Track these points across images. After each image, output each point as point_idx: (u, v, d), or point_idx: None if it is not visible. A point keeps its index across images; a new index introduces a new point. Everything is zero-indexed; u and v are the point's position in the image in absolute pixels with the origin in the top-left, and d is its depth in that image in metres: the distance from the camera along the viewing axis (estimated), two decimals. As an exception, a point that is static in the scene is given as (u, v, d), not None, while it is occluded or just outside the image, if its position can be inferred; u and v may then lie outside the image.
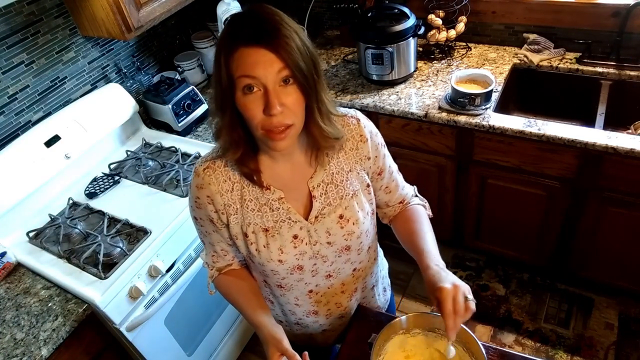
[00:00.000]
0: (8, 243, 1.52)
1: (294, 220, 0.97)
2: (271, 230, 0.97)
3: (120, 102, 1.84)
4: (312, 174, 0.97)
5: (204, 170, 0.96)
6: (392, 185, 1.09)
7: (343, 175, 0.99)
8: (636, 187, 1.60)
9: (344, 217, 0.98)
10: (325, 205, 0.97)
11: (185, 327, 1.69)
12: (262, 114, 0.81)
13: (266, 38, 0.78)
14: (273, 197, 0.95)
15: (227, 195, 0.95)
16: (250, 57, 0.78)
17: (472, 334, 0.96)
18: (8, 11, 1.54)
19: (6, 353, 1.23)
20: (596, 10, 1.85)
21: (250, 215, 0.96)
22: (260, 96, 0.80)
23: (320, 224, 0.98)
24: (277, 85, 0.80)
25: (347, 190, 0.99)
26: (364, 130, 1.00)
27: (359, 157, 1.00)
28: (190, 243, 1.58)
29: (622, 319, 1.99)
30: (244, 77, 0.79)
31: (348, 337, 1.09)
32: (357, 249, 1.04)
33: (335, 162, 0.98)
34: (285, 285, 1.04)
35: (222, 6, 1.93)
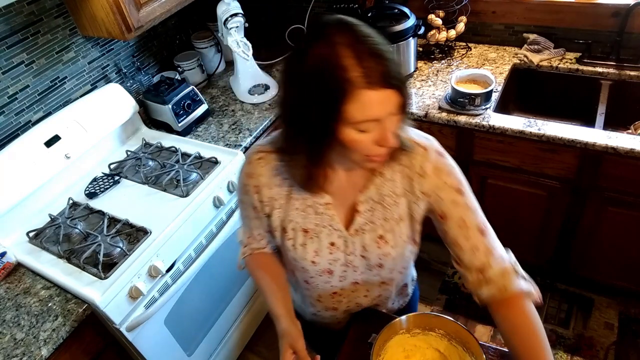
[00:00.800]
0: (8, 243, 1.52)
1: (335, 228, 0.96)
2: (311, 232, 0.96)
3: (120, 102, 1.84)
4: (364, 189, 0.94)
5: (258, 159, 0.94)
6: (464, 243, 0.91)
7: (393, 199, 0.94)
8: (636, 187, 1.60)
9: (384, 239, 0.96)
10: (368, 222, 0.95)
11: (185, 327, 1.69)
12: (373, 145, 0.78)
13: (392, 77, 0.73)
14: (320, 201, 0.94)
15: (275, 189, 0.95)
16: (375, 99, 0.72)
17: (472, 334, 0.96)
18: (8, 11, 1.54)
19: (6, 353, 1.23)
20: (596, 10, 1.85)
21: (294, 213, 0.96)
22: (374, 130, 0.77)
23: (358, 238, 0.97)
24: (390, 117, 0.77)
25: (394, 214, 0.95)
26: (427, 164, 0.91)
27: (412, 189, 0.93)
28: (190, 243, 1.58)
29: (622, 319, 1.99)
30: (368, 121, 0.75)
31: (348, 337, 1.09)
32: (390, 269, 1.02)
33: (390, 184, 0.94)
34: (311, 282, 1.05)
35: (222, 6, 1.93)
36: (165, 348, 1.61)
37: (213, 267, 1.72)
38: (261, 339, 2.15)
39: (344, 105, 0.72)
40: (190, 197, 1.59)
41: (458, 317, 2.08)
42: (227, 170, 1.69)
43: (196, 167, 1.71)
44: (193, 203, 1.57)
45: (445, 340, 0.99)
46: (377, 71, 0.71)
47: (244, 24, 1.99)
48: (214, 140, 1.88)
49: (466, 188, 0.93)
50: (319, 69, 0.73)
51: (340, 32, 0.73)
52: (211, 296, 1.79)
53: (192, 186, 1.62)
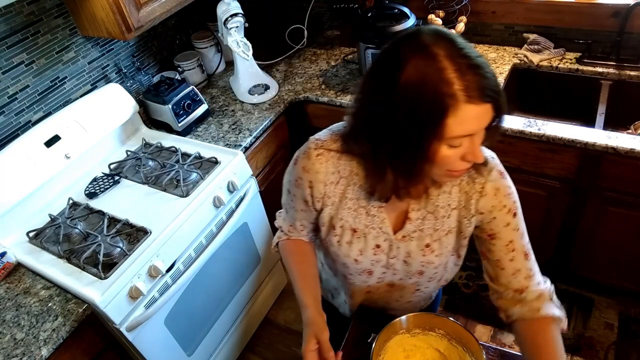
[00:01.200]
0: (8, 243, 1.52)
1: (383, 231, 0.96)
2: (359, 232, 0.96)
3: (120, 102, 1.84)
4: (418, 197, 0.93)
5: (317, 156, 0.93)
6: (507, 264, 0.94)
7: (447, 211, 0.93)
8: (636, 187, 1.60)
9: (430, 247, 0.96)
10: (417, 229, 0.95)
11: (185, 327, 1.69)
12: (460, 160, 0.77)
13: (490, 91, 0.71)
14: (374, 203, 0.93)
15: (330, 187, 0.94)
16: (474, 114, 0.71)
17: (472, 334, 0.96)
18: (8, 11, 1.54)
19: (6, 353, 1.23)
20: (596, 10, 1.85)
21: (345, 212, 0.95)
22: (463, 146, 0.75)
23: (404, 244, 0.97)
24: (481, 133, 0.75)
25: (444, 226, 0.95)
26: (487, 184, 0.90)
27: (468, 205, 0.92)
28: (190, 243, 1.58)
29: (622, 319, 1.99)
30: (462, 135, 0.73)
31: (348, 337, 1.09)
32: (430, 277, 1.03)
33: (445, 197, 0.93)
34: (349, 278, 1.06)
35: (222, 6, 1.92)
36: (165, 348, 1.61)
37: (213, 267, 1.72)
38: (261, 339, 2.16)
39: (445, 120, 0.70)
40: (190, 197, 1.59)
41: (458, 317, 2.08)
42: (227, 170, 1.69)
43: (196, 167, 1.71)
44: (193, 203, 1.57)
45: (445, 340, 0.99)
46: (477, 85, 0.69)
47: (244, 24, 1.99)
48: (214, 140, 1.88)
49: (519, 210, 0.94)
50: (419, 81, 0.70)
51: (439, 44, 0.71)
52: (211, 296, 1.79)
53: (192, 186, 1.62)
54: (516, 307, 0.94)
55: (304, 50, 2.37)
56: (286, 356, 2.10)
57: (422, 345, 1.00)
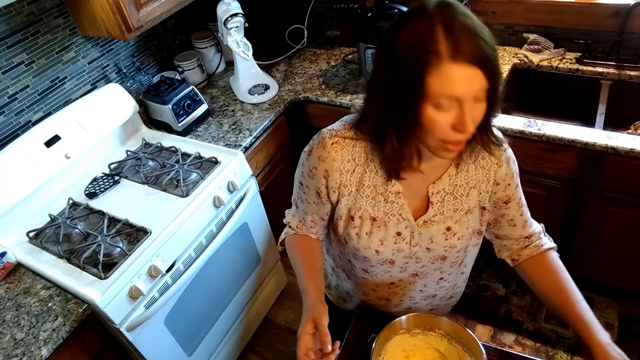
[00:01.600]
0: (8, 243, 1.52)
1: (403, 218, 0.96)
2: (379, 221, 0.96)
3: (120, 102, 1.84)
4: (437, 180, 0.94)
5: (332, 144, 0.93)
6: (518, 219, 1.03)
7: (465, 190, 0.95)
8: (636, 187, 1.60)
9: (451, 230, 0.97)
10: (438, 213, 0.96)
11: (185, 327, 1.69)
12: (450, 129, 0.76)
13: (477, 53, 0.71)
14: (392, 189, 0.94)
15: (346, 175, 0.94)
16: (457, 74, 0.71)
17: (472, 334, 0.96)
18: (8, 11, 1.54)
19: (6, 353, 1.23)
20: (596, 10, 1.85)
21: (364, 201, 0.95)
22: (452, 112, 0.75)
23: (426, 229, 0.97)
24: (472, 101, 0.74)
25: (464, 205, 0.96)
26: (502, 155, 0.95)
27: (487, 178, 0.96)
28: (190, 243, 1.58)
29: (622, 319, 1.99)
30: (446, 95, 0.72)
31: (348, 337, 1.09)
32: (452, 262, 1.03)
33: (464, 175, 0.95)
34: (370, 272, 1.05)
35: (222, 6, 1.93)
36: (165, 348, 1.61)
37: (213, 267, 1.72)
38: (261, 339, 2.16)
39: (427, 77, 0.71)
40: (190, 197, 1.59)
41: (458, 317, 2.08)
42: (227, 170, 1.69)
43: (196, 167, 1.71)
44: (193, 203, 1.57)
45: (445, 340, 1.00)
46: (466, 46, 0.70)
47: (244, 24, 1.99)
48: (214, 140, 1.88)
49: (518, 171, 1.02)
50: (411, 41, 0.73)
51: (438, 9, 0.73)
52: (211, 296, 1.79)
53: (192, 186, 1.62)
54: (524, 250, 1.05)
55: (304, 50, 2.37)
56: (286, 356, 2.10)
57: (422, 345, 1.00)
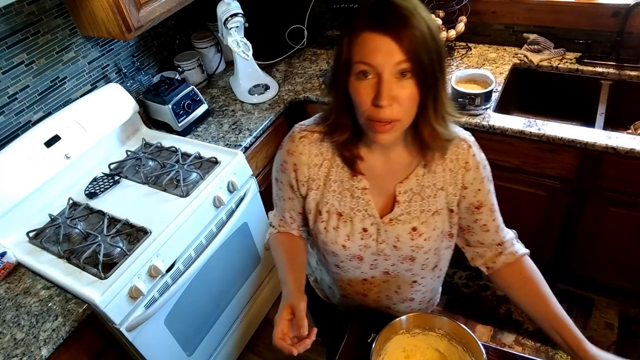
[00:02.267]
0: (8, 243, 1.52)
1: (369, 214, 0.96)
2: (345, 216, 0.97)
3: (120, 102, 1.84)
4: (404, 179, 0.95)
5: (301, 138, 0.96)
6: (491, 224, 1.02)
7: (432, 191, 0.95)
8: (636, 187, 1.60)
9: (417, 231, 0.97)
10: (404, 213, 0.96)
11: (185, 327, 1.69)
12: (371, 103, 0.79)
13: (393, 25, 0.74)
14: (358, 185, 0.95)
15: (314, 169, 0.96)
16: (372, 42, 0.75)
17: (472, 334, 0.96)
18: (8, 11, 1.54)
19: (6, 353, 1.23)
20: (596, 10, 1.85)
21: (330, 195, 0.97)
22: (373, 84, 0.78)
23: (392, 228, 0.97)
24: (392, 77, 0.76)
25: (431, 207, 0.96)
26: (471, 159, 0.95)
27: (455, 181, 0.95)
28: (190, 243, 1.58)
29: (622, 319, 1.99)
30: (361, 62, 0.77)
31: (348, 337, 1.09)
32: (422, 264, 1.02)
33: (431, 176, 0.95)
34: (342, 267, 1.06)
35: (222, 6, 1.92)
36: (165, 348, 1.61)
37: (213, 267, 1.72)
38: (261, 339, 2.15)
39: (351, 47, 0.78)
40: (190, 197, 1.59)
41: (458, 317, 2.08)
42: (227, 170, 1.69)
43: (196, 167, 1.71)
44: (193, 203, 1.57)
45: (445, 340, 0.99)
46: (387, 20, 0.74)
47: (244, 24, 1.99)
48: (214, 140, 1.88)
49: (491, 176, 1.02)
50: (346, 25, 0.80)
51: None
52: (211, 296, 1.79)
53: (192, 186, 1.62)
54: (499, 258, 1.03)
55: (304, 50, 2.37)
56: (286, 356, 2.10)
57: (422, 345, 1.00)
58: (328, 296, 1.25)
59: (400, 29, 0.74)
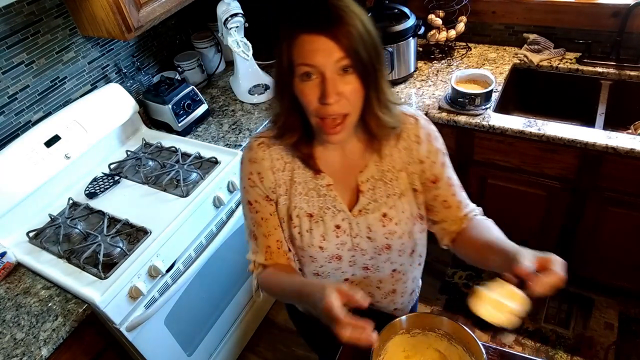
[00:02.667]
0: (8, 243, 1.52)
1: (338, 209, 0.97)
2: (315, 216, 0.97)
3: (120, 102, 1.84)
4: (363, 168, 0.96)
5: (259, 145, 0.96)
6: (452, 200, 1.00)
7: (394, 174, 0.97)
8: (636, 187, 1.60)
9: (387, 216, 0.97)
10: (371, 201, 0.97)
11: (185, 327, 1.69)
12: (318, 102, 0.80)
13: (328, 25, 0.76)
14: (322, 182, 0.96)
15: (278, 174, 0.96)
16: (310, 44, 0.77)
17: (472, 334, 0.96)
18: (8, 11, 1.54)
19: (6, 353, 1.23)
20: (596, 10, 1.85)
21: (297, 198, 0.96)
22: (318, 84, 0.79)
23: (362, 219, 0.97)
24: (335, 74, 0.78)
25: (395, 190, 0.97)
26: (420, 131, 0.96)
27: (411, 159, 0.97)
28: (190, 243, 1.58)
29: (622, 319, 1.99)
30: (302, 65, 0.78)
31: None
32: (399, 250, 1.02)
33: (388, 160, 0.96)
34: (322, 273, 1.04)
35: (222, 6, 1.93)
36: (165, 348, 1.61)
37: (213, 267, 1.72)
38: (261, 339, 2.16)
39: (292, 50, 0.79)
40: (190, 197, 1.59)
41: (458, 317, 2.08)
42: (227, 170, 1.69)
43: (196, 167, 1.71)
44: (193, 203, 1.57)
45: (445, 340, 0.99)
46: (323, 21, 0.76)
47: (244, 24, 1.99)
48: (214, 140, 1.88)
49: (446, 150, 1.02)
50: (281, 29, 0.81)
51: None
52: (211, 296, 1.79)
53: (192, 186, 1.62)
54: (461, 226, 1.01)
55: (304, 50, 2.37)
56: (286, 356, 2.10)
57: (422, 345, 1.00)
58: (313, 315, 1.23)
59: (335, 27, 0.75)
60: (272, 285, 1.01)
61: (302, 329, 1.36)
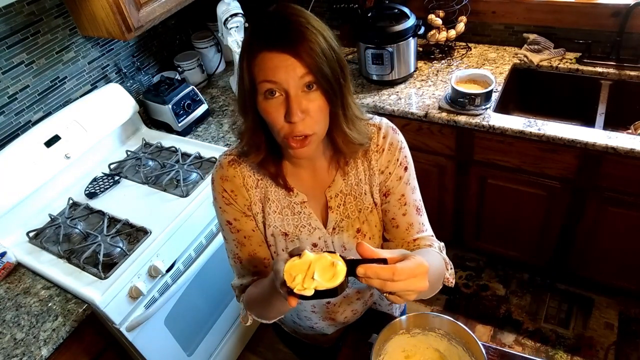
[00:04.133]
0: (8, 243, 1.52)
1: (313, 227, 0.94)
2: (291, 235, 0.94)
3: (120, 102, 1.84)
4: (331, 183, 0.93)
5: (229, 163, 0.92)
6: (401, 220, 0.95)
7: (362, 187, 0.94)
8: (636, 187, 1.60)
9: (361, 232, 0.95)
10: (343, 217, 0.94)
11: (185, 327, 1.69)
12: (284, 120, 0.77)
13: (288, 42, 0.74)
14: (296, 200, 0.93)
15: (252, 191, 0.92)
16: (271, 61, 0.74)
17: (472, 334, 0.96)
18: (8, 11, 1.54)
19: (6, 353, 1.23)
20: (596, 10, 1.85)
21: (272, 217, 0.93)
22: (282, 101, 0.77)
23: (337, 237, 0.95)
24: (299, 91, 0.76)
25: (366, 204, 0.94)
26: (381, 141, 0.93)
27: (373, 170, 0.94)
28: (190, 243, 1.58)
29: (622, 319, 1.99)
30: (265, 82, 0.76)
31: (348, 337, 1.09)
32: None
33: (355, 173, 0.94)
34: None
35: (222, 6, 1.93)
36: (165, 348, 1.61)
37: (213, 267, 1.72)
38: (261, 339, 2.15)
39: (252, 68, 0.77)
40: (190, 197, 1.59)
41: (458, 317, 2.08)
42: (227, 170, 1.69)
43: (196, 167, 1.71)
44: (193, 203, 1.57)
45: (445, 340, 0.99)
46: (283, 37, 0.74)
47: (244, 24, 1.99)
48: (214, 140, 1.88)
49: (411, 166, 0.96)
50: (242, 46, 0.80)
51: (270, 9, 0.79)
52: (211, 296, 1.79)
53: (192, 186, 1.62)
54: None
55: (304, 50, 2.37)
56: (286, 356, 2.10)
57: (422, 345, 1.00)
58: (295, 329, 1.22)
59: (297, 45, 0.73)
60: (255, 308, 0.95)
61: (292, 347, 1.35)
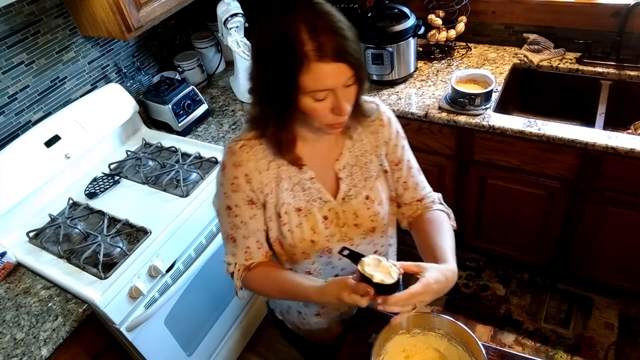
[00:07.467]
0: (8, 243, 1.52)
1: (324, 200, 0.99)
2: (303, 210, 0.99)
3: (120, 102, 1.84)
4: (339, 156, 1.01)
5: (241, 147, 0.95)
6: (411, 182, 1.08)
7: (366, 157, 1.02)
8: (636, 187, 1.61)
9: (370, 198, 1.02)
10: (351, 187, 1.01)
11: (185, 327, 1.69)
12: (330, 113, 0.85)
13: (339, 51, 0.79)
14: (305, 176, 0.98)
15: (264, 174, 0.96)
16: (325, 70, 0.79)
17: (472, 334, 0.96)
18: (8, 11, 1.54)
19: (6, 353, 1.23)
20: (596, 10, 1.85)
21: (284, 195, 0.97)
22: (329, 100, 0.84)
23: (348, 206, 1.01)
24: (343, 88, 0.84)
25: (371, 172, 1.03)
26: (383, 115, 1.04)
27: (379, 141, 1.03)
28: (190, 243, 1.58)
29: (622, 319, 1.99)
30: (318, 91, 0.82)
31: (348, 337, 1.09)
32: (381, 231, 1.07)
33: (359, 145, 1.02)
34: (314, 271, 1.05)
35: (222, 6, 1.93)
36: (165, 348, 1.61)
37: (213, 267, 1.72)
38: (261, 339, 2.15)
39: (299, 76, 0.80)
40: (190, 197, 1.59)
41: (458, 317, 2.08)
42: (227, 170, 1.69)
43: (196, 167, 1.71)
44: (193, 203, 1.57)
45: (445, 340, 1.00)
46: (329, 46, 0.78)
47: (244, 24, 1.99)
48: (214, 140, 1.88)
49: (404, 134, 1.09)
50: (279, 43, 0.81)
51: (301, 9, 0.80)
52: (211, 296, 1.79)
53: (192, 186, 1.62)
54: (417, 212, 1.09)
55: (304, 50, 2.37)
56: (286, 356, 2.10)
57: (422, 345, 1.00)
58: (298, 325, 1.23)
59: (343, 51, 0.79)
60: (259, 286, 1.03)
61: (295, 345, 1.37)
